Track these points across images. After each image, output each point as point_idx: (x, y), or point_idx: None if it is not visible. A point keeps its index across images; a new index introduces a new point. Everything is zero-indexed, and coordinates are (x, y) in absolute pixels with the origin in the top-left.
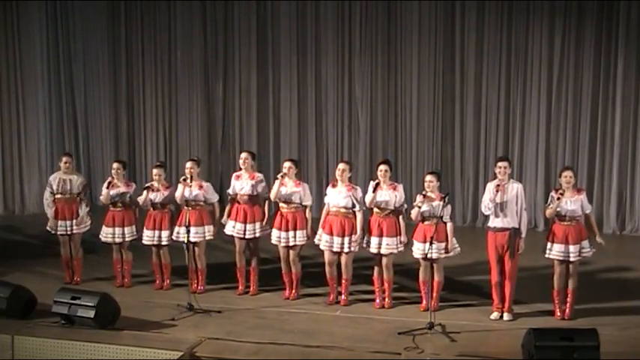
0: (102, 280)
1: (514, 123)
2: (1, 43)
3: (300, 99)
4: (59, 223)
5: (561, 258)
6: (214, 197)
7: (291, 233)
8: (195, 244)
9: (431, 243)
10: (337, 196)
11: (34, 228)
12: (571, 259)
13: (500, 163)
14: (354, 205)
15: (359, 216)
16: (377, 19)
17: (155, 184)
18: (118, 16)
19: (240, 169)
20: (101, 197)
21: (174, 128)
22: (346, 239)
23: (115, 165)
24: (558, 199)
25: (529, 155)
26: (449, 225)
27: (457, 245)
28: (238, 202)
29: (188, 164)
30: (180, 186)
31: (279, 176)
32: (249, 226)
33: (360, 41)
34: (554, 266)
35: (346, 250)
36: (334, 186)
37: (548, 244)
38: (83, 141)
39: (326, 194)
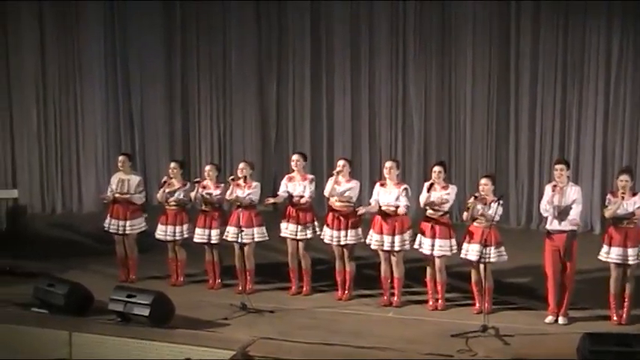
0: (157, 278)
1: (570, 125)
2: (60, 45)
3: (353, 100)
4: (112, 221)
5: (618, 261)
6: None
7: (342, 232)
8: (244, 244)
9: (485, 246)
10: (388, 196)
11: (92, 226)
12: (628, 263)
13: (557, 166)
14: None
15: (401, 212)
16: (431, 20)
17: (206, 181)
18: (174, 17)
19: (293, 170)
20: (157, 196)
21: (228, 129)
22: (397, 238)
23: (172, 164)
24: (622, 198)
25: (585, 157)
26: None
27: (504, 253)
28: (292, 204)
29: (241, 165)
30: (231, 186)
31: (333, 172)
32: (300, 227)
33: (414, 42)
34: (610, 270)
35: (397, 248)
36: (383, 185)
37: (605, 247)
38: (139, 141)
39: (374, 193)
